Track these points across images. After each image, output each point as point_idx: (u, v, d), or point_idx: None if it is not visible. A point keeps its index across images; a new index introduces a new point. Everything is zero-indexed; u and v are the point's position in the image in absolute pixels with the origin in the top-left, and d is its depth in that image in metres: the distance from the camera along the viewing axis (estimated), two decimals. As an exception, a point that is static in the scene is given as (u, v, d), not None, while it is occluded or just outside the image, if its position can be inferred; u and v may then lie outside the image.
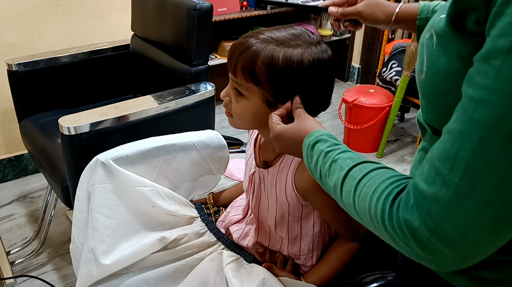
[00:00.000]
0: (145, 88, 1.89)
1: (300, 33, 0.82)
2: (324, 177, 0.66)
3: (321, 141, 0.68)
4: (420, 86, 0.61)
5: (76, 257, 1.03)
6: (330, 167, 0.64)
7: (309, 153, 0.69)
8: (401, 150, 2.68)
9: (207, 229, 1.00)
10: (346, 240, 0.95)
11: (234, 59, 0.81)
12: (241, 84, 0.82)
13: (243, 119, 0.87)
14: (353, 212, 0.61)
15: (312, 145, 0.69)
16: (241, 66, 0.80)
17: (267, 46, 0.78)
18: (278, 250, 0.99)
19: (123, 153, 1.01)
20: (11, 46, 2.05)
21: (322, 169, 0.66)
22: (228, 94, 0.87)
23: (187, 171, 1.10)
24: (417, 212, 0.49)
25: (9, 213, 2.05)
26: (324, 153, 0.66)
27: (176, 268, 0.94)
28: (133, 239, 0.97)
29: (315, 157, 0.68)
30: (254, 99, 0.83)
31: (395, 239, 0.53)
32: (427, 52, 0.57)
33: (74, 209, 1.04)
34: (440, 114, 0.58)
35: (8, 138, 2.20)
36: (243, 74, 0.80)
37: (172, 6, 1.68)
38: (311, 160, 0.69)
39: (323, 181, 0.67)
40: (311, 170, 0.70)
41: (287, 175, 0.90)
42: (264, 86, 0.80)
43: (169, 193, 1.02)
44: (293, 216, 0.94)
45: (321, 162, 0.66)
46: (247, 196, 1.03)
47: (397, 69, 2.60)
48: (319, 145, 0.68)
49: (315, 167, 0.68)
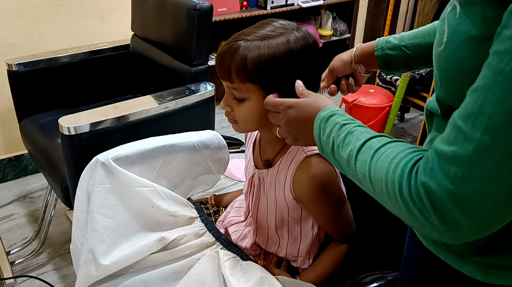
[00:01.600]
0: (145, 88, 1.89)
1: (277, 24, 0.83)
2: (337, 147, 0.65)
3: (337, 115, 0.68)
4: (437, 60, 0.61)
5: (76, 257, 1.03)
6: (345, 138, 0.64)
7: (323, 125, 0.69)
8: (401, 150, 2.68)
9: (206, 229, 1.00)
10: (338, 242, 0.97)
11: (225, 66, 0.82)
12: (239, 88, 0.83)
13: (249, 121, 0.87)
14: (366, 183, 0.60)
15: (328, 117, 0.68)
16: (234, 70, 0.81)
17: (252, 43, 0.80)
18: (275, 252, 0.99)
19: (122, 153, 1.01)
20: (11, 46, 2.05)
21: (335, 139, 0.65)
22: (228, 104, 0.87)
23: (187, 171, 1.10)
24: (436, 174, 0.49)
25: (9, 213, 2.05)
26: (340, 124, 0.66)
27: (175, 268, 0.94)
28: (132, 239, 0.97)
29: (329, 129, 0.67)
30: (254, 98, 0.83)
31: (410, 208, 0.52)
32: (448, 23, 0.58)
33: (74, 209, 1.04)
34: (453, 87, 0.58)
35: (8, 139, 2.20)
36: (239, 77, 0.81)
37: (172, 6, 1.68)
38: (323, 132, 0.68)
39: (335, 152, 0.66)
40: (321, 142, 0.69)
41: (285, 177, 0.90)
42: (261, 82, 0.81)
43: (168, 193, 1.02)
44: (293, 218, 0.94)
45: (335, 133, 0.66)
46: (247, 199, 1.03)
47: (397, 69, 2.59)
48: (334, 117, 0.68)
49: (327, 138, 0.67)
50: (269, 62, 0.79)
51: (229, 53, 0.82)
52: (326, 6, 3.23)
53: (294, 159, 0.89)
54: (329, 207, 0.90)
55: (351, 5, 3.28)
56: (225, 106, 0.88)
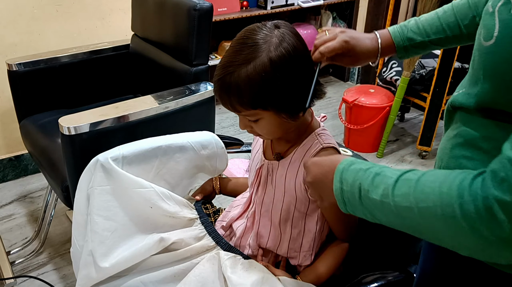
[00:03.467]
0: (145, 88, 1.89)
1: (251, 42, 0.82)
2: (366, 192, 0.62)
3: (357, 163, 0.67)
4: (482, 55, 0.59)
5: (76, 260, 1.03)
6: (373, 180, 0.61)
7: (344, 175, 0.66)
8: (401, 150, 2.68)
9: (206, 232, 1.00)
10: (340, 240, 0.98)
11: (227, 102, 0.84)
12: (250, 114, 0.85)
13: (273, 133, 0.91)
14: (411, 216, 0.56)
15: (347, 167, 0.67)
16: (236, 103, 0.83)
17: (238, 72, 0.80)
18: (276, 246, 0.99)
19: (120, 153, 1.00)
20: (11, 46, 2.05)
21: (362, 185, 0.62)
22: (247, 125, 0.90)
23: (185, 171, 1.10)
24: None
25: (9, 213, 2.06)
26: (364, 170, 0.64)
27: (175, 272, 0.93)
28: (132, 241, 0.97)
29: (352, 177, 0.65)
30: (267, 116, 0.85)
31: (475, 225, 0.48)
32: (500, 17, 0.57)
33: (73, 211, 1.04)
34: (500, 83, 0.56)
35: (8, 138, 2.20)
36: (243, 107, 0.83)
37: (172, 6, 1.68)
38: (346, 183, 0.65)
39: (363, 199, 0.62)
40: (343, 195, 0.66)
41: (298, 167, 0.91)
42: (262, 104, 0.82)
43: (167, 193, 1.01)
44: (299, 211, 0.94)
45: (360, 179, 0.63)
46: (251, 189, 1.03)
47: (397, 69, 2.59)
48: (355, 165, 0.66)
49: (352, 187, 0.64)
50: (262, 84, 0.80)
51: (223, 90, 0.83)
52: (326, 6, 3.23)
53: (309, 150, 0.91)
54: None
55: (351, 5, 3.28)
56: (244, 127, 0.91)
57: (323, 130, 0.94)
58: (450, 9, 0.91)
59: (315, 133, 0.93)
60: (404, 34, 0.94)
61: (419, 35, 0.93)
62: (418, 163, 2.55)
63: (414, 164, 2.54)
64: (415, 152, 2.65)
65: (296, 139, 0.94)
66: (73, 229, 1.04)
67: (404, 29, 0.95)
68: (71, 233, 1.05)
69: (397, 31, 0.95)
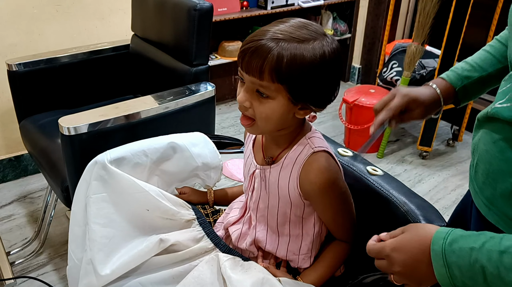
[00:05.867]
0: (145, 88, 1.89)
1: (312, 28, 0.82)
2: (496, 276, 0.54)
3: (457, 239, 0.58)
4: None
5: (73, 277, 1.01)
6: (501, 260, 0.53)
7: (448, 259, 0.58)
8: (402, 150, 2.68)
9: (205, 233, 1.00)
10: (340, 240, 0.97)
11: (258, 62, 0.79)
12: (267, 86, 0.80)
13: (270, 121, 0.85)
14: None
15: (447, 247, 0.58)
16: (268, 68, 0.78)
17: (289, 44, 0.78)
18: (274, 250, 0.99)
19: (109, 158, 1.00)
20: (11, 46, 2.05)
21: (487, 269, 0.54)
22: (248, 99, 0.83)
23: (177, 171, 1.10)
24: None
25: (9, 213, 2.05)
26: (476, 249, 0.55)
27: (174, 274, 0.93)
28: (131, 244, 0.97)
29: (462, 260, 0.56)
30: (280, 98, 0.82)
31: None
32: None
33: (70, 223, 1.03)
34: None
35: (8, 139, 2.20)
36: (270, 76, 0.79)
37: (172, 6, 1.68)
38: (456, 266, 0.57)
39: (493, 282, 0.54)
40: (454, 279, 0.58)
41: (290, 172, 0.90)
42: (290, 84, 0.80)
43: (164, 195, 1.01)
44: (295, 215, 0.94)
45: (481, 262, 0.55)
46: (246, 194, 1.02)
47: (397, 69, 2.59)
48: (457, 244, 0.58)
49: (468, 272, 0.56)
50: (304, 66, 0.79)
51: (263, 49, 0.78)
52: (326, 6, 3.23)
53: (300, 155, 0.89)
54: (336, 201, 0.91)
55: (351, 5, 3.28)
56: (245, 101, 0.83)
57: (314, 133, 0.93)
58: (496, 42, 0.91)
59: (306, 138, 0.91)
60: (459, 75, 0.93)
61: (475, 71, 0.91)
62: (419, 163, 2.55)
63: (415, 164, 2.54)
64: (416, 152, 2.64)
65: (287, 144, 0.92)
66: (69, 242, 1.02)
67: (457, 71, 0.93)
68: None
69: (451, 74, 0.94)
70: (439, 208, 1.25)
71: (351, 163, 1.04)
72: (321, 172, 0.87)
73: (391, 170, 2.48)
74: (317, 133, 0.93)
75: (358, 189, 0.99)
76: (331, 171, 0.88)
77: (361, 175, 1.00)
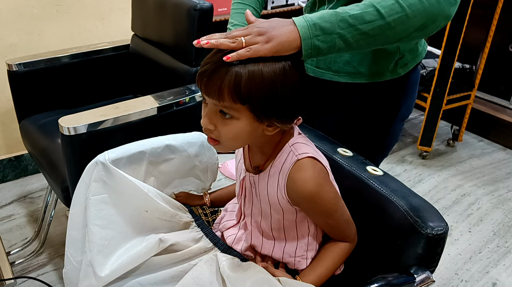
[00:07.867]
0: (145, 88, 1.89)
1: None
2: (346, 15, 0.77)
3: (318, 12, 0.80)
4: None
5: (70, 281, 1.01)
6: (351, 14, 0.76)
7: (310, 21, 0.77)
8: (402, 150, 2.68)
9: (203, 234, 1.00)
10: (339, 240, 0.96)
11: (216, 83, 0.77)
12: (230, 107, 0.79)
13: (237, 140, 0.84)
14: (402, 19, 0.75)
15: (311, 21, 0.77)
16: (227, 90, 0.76)
17: (247, 62, 0.76)
18: (270, 253, 0.99)
19: (107, 158, 0.99)
20: (11, 46, 2.05)
21: (342, 14, 0.76)
22: (212, 121, 0.82)
23: (175, 171, 1.10)
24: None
25: (9, 213, 2.05)
26: (334, 11, 0.79)
27: (173, 274, 0.93)
28: (131, 244, 0.97)
29: (325, 18, 0.78)
30: (243, 119, 0.80)
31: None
32: None
33: (68, 227, 1.02)
34: None
35: (8, 139, 2.20)
36: (231, 97, 0.77)
37: (172, 6, 1.68)
38: (317, 27, 0.77)
39: (342, 20, 0.78)
40: (312, 28, 0.78)
41: (277, 182, 0.89)
42: (251, 104, 0.78)
43: (162, 197, 1.01)
44: (288, 220, 0.93)
45: (334, 18, 0.76)
46: (239, 200, 1.02)
47: (397, 69, 2.59)
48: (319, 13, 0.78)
49: (330, 18, 0.78)
50: (263, 83, 0.76)
51: (220, 71, 0.77)
52: (326, 6, 3.23)
53: (285, 163, 0.88)
54: (326, 206, 0.90)
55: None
56: (208, 124, 0.82)
57: (297, 139, 0.90)
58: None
59: (289, 144, 0.88)
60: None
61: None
62: (419, 163, 2.55)
63: (415, 164, 2.54)
64: (416, 152, 2.64)
65: (271, 150, 0.91)
66: (67, 246, 1.02)
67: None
68: (71, 233, 1.05)
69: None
70: (439, 208, 1.25)
71: (351, 163, 1.04)
72: (307, 181, 0.85)
73: (391, 170, 2.48)
74: (300, 138, 0.91)
75: (358, 189, 0.99)
76: (317, 178, 0.86)
77: (361, 175, 1.00)
